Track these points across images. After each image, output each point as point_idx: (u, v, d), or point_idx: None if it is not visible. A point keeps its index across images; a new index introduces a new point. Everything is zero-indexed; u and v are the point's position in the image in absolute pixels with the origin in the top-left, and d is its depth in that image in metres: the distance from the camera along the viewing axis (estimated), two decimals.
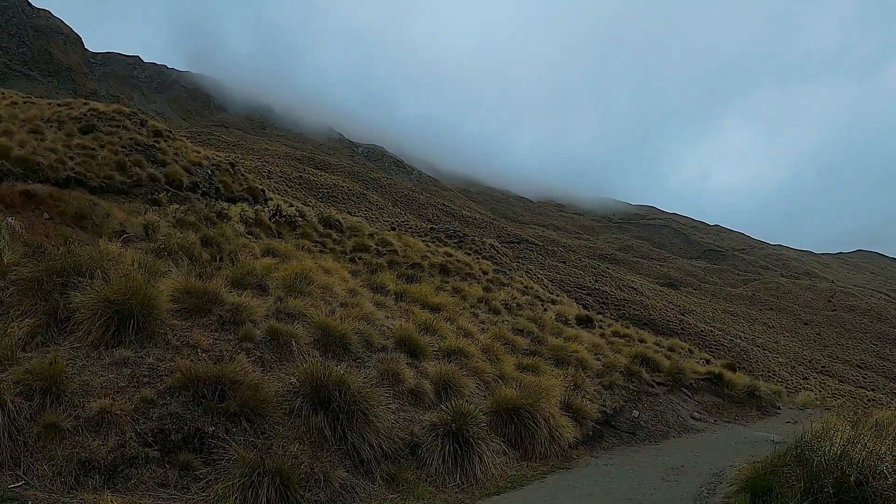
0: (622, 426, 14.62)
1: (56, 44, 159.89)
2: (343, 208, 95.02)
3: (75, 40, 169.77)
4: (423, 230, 75.93)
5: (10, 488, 6.65)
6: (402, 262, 30.11)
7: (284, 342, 10.22)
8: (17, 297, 10.20)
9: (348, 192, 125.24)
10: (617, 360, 18.17)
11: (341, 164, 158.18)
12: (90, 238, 14.90)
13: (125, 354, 8.73)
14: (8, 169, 24.62)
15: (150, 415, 7.82)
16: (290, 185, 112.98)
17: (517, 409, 11.36)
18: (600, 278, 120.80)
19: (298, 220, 31.61)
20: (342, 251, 29.47)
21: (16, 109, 35.73)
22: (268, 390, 8.63)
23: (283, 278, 13.30)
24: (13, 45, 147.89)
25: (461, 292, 25.65)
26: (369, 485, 8.56)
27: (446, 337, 14.15)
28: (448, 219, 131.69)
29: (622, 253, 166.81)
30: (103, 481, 7.09)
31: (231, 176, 36.84)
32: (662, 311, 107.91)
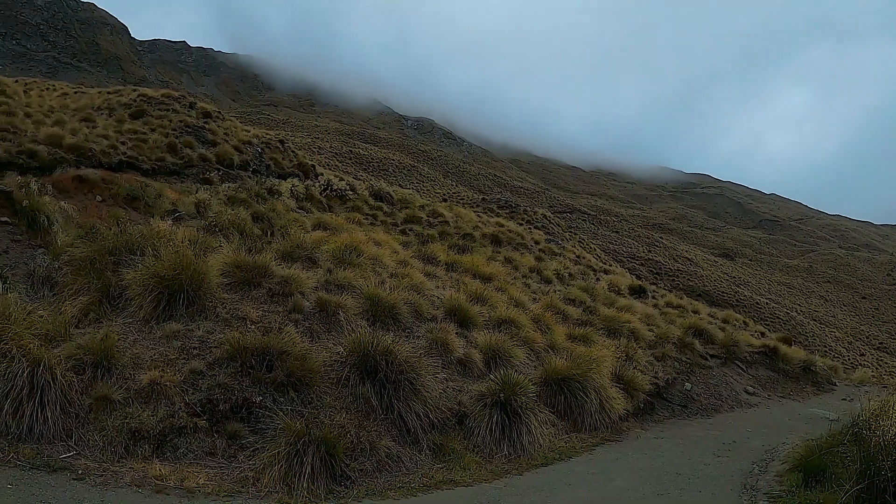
0: (674, 399, 14.47)
1: (103, 34, 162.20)
2: (394, 181, 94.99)
3: (121, 30, 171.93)
4: (474, 201, 75.79)
5: (62, 458, 6.90)
6: (453, 233, 30.06)
7: (333, 313, 10.27)
8: (71, 277, 10.46)
9: (399, 166, 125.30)
10: (670, 332, 17.93)
11: (391, 138, 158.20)
12: (142, 218, 15.14)
13: (175, 328, 8.88)
14: (61, 157, 25.12)
15: (198, 386, 7.96)
16: (341, 160, 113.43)
17: (567, 379, 11.25)
18: (653, 248, 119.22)
19: (349, 193, 31.72)
20: (393, 223, 29.53)
21: (67, 100, 36.45)
22: (315, 360, 8.70)
23: (333, 250, 13.31)
24: (61, 38, 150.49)
25: (513, 262, 25.57)
26: (416, 454, 8.59)
27: (497, 307, 14.04)
28: (499, 189, 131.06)
29: (676, 222, 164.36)
30: (152, 450, 7.28)
31: (281, 153, 37.11)
32: (717, 282, 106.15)
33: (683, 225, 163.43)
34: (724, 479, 9.30)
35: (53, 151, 25.14)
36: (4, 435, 6.92)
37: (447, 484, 8.20)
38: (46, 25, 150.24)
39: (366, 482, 7.69)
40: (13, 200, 13.15)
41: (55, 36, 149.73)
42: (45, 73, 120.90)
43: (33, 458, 6.79)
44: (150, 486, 6.74)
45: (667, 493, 8.53)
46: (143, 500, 6.50)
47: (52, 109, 32.08)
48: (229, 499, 6.85)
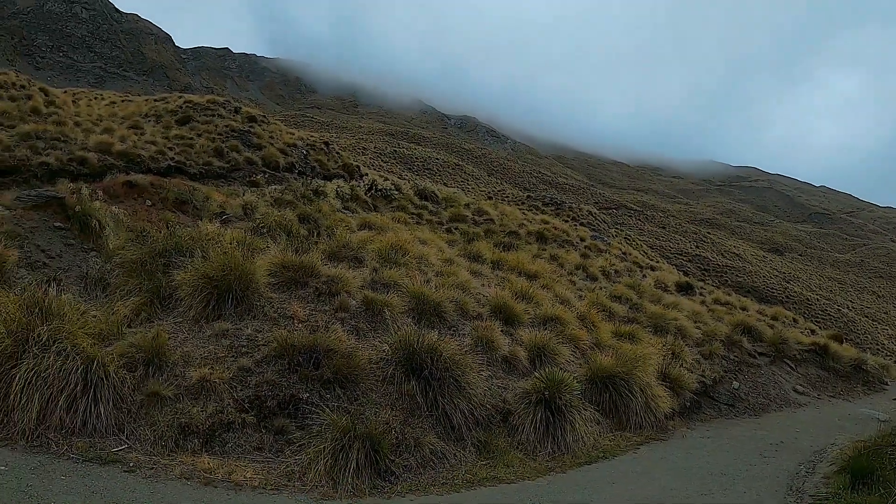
0: (721, 398, 14.35)
1: (148, 44, 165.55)
2: (438, 180, 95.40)
3: (165, 39, 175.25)
4: (519, 198, 75.60)
5: (113, 451, 7.14)
6: (498, 231, 30.00)
7: (379, 311, 10.38)
8: (123, 279, 10.76)
9: (443, 164, 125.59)
10: (717, 329, 17.75)
11: (434, 137, 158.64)
12: (191, 221, 15.44)
13: (224, 327, 9.10)
14: (111, 163, 25.68)
15: (247, 382, 8.15)
16: (385, 160, 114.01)
17: (612, 377, 11.24)
18: (701, 244, 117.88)
19: (394, 193, 31.82)
20: (438, 222, 29.54)
21: (115, 108, 37.20)
22: (361, 358, 8.83)
23: (378, 250, 13.39)
24: (107, 49, 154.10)
25: (558, 259, 25.48)
26: (460, 451, 8.64)
27: (542, 304, 14.02)
28: (544, 186, 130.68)
29: (723, 217, 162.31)
30: (201, 445, 7.49)
31: (326, 154, 37.43)
32: (766, 277, 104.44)
33: (731, 220, 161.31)
34: (770, 480, 9.25)
35: (103, 158, 25.70)
36: (58, 429, 7.16)
37: (490, 481, 8.24)
38: (92, 37, 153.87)
39: (409, 478, 7.77)
40: (66, 206, 13.51)
41: (101, 47, 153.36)
42: (93, 83, 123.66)
43: (86, 451, 7.03)
44: (199, 479, 6.91)
45: (710, 493, 8.51)
46: (192, 493, 6.66)
47: (100, 118, 32.73)
48: (275, 492, 6.98)
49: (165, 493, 6.55)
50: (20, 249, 11.57)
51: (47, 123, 27.03)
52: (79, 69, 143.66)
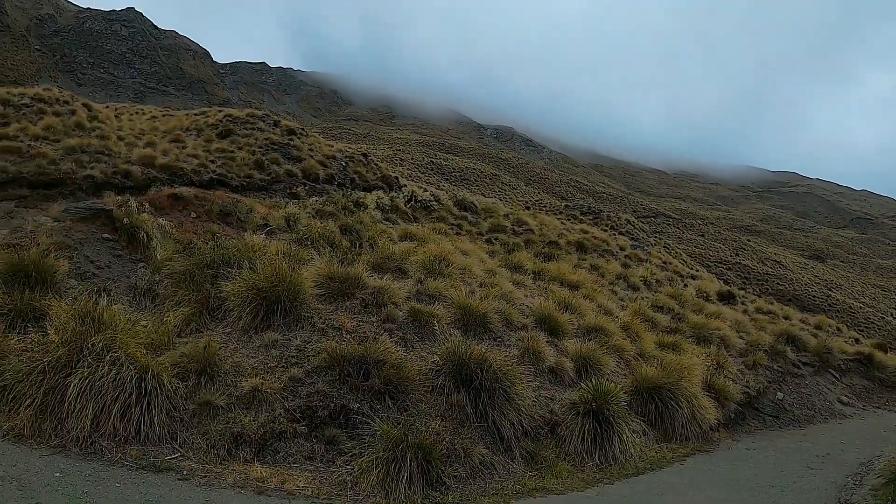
0: (765, 409, 14.24)
1: (186, 59, 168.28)
2: (476, 190, 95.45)
3: (203, 54, 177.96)
4: (557, 208, 75.60)
5: (167, 459, 7.24)
6: (538, 241, 29.96)
7: (426, 322, 10.41)
8: (172, 289, 10.92)
9: (480, 174, 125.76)
10: (761, 339, 17.60)
11: (471, 147, 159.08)
12: (235, 233, 15.58)
13: (273, 337, 9.19)
14: (154, 176, 26.07)
15: (298, 392, 8.22)
16: (423, 170, 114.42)
17: (658, 388, 11.23)
18: (741, 252, 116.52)
19: (433, 204, 31.92)
20: (478, 232, 29.58)
21: (156, 123, 37.71)
22: (410, 369, 8.85)
23: (422, 261, 13.44)
24: (146, 65, 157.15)
25: (599, 269, 25.40)
26: (508, 462, 8.64)
27: (585, 315, 14.02)
28: (582, 195, 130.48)
29: (763, 224, 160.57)
30: (253, 454, 7.57)
31: (365, 166, 37.63)
32: (807, 285, 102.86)
33: (771, 226, 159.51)
34: (818, 492, 9.21)
35: (147, 171, 26.10)
36: (112, 437, 7.27)
37: (539, 491, 8.24)
38: (132, 53, 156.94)
39: (460, 488, 7.77)
40: (113, 218, 13.70)
41: (141, 63, 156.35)
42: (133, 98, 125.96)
43: (140, 458, 7.13)
44: (252, 487, 6.97)
45: None
46: (246, 502, 6.74)
47: (142, 132, 33.20)
48: (328, 501, 7.02)
49: (219, 501, 6.62)
50: (70, 260, 11.75)
51: (91, 137, 27.49)
52: (119, 85, 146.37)
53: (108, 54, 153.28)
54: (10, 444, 7.02)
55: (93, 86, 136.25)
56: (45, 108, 29.44)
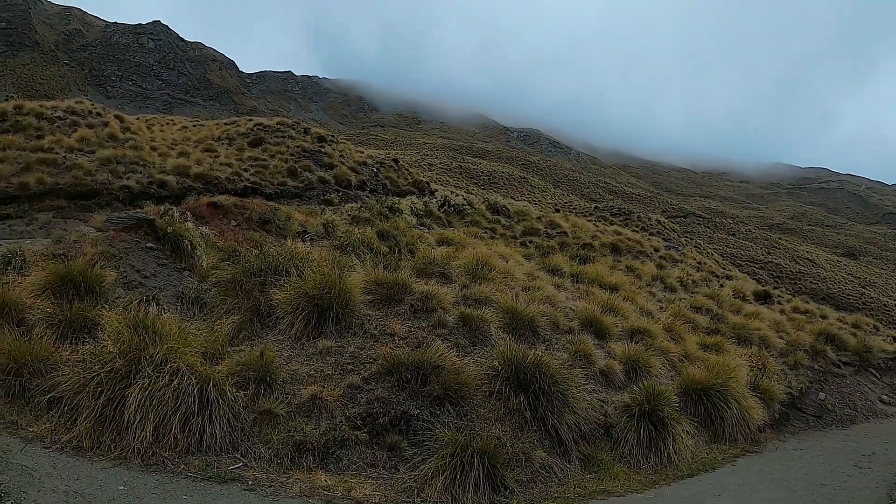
0: (808, 409, 14.20)
1: (213, 70, 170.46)
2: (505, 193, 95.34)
3: (229, 64, 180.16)
4: (587, 210, 75.28)
5: (230, 469, 7.20)
6: (572, 244, 29.86)
7: (476, 327, 10.36)
8: (220, 298, 10.93)
9: (509, 177, 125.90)
10: (800, 338, 17.53)
11: (498, 150, 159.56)
12: (275, 240, 15.60)
13: (327, 344, 9.18)
14: (189, 185, 26.33)
15: (357, 400, 8.19)
16: (451, 175, 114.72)
17: (707, 389, 11.19)
18: (772, 250, 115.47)
19: (466, 208, 31.94)
20: (512, 236, 29.51)
21: (187, 133, 38.10)
22: (467, 374, 8.81)
23: (464, 266, 13.45)
24: (173, 77, 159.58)
25: (634, 271, 25.26)
26: (566, 465, 8.61)
27: (628, 317, 14.00)
28: (611, 196, 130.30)
29: (794, 221, 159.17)
30: (316, 462, 7.54)
31: (395, 171, 37.76)
32: (841, 283, 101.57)
33: (802, 224, 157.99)
34: (870, 490, 9.24)
35: (181, 181, 26.38)
36: (173, 447, 7.22)
37: (600, 494, 8.22)
38: (159, 66, 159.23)
39: (523, 492, 7.73)
40: (156, 227, 13.77)
41: (168, 75, 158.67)
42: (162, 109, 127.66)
43: (203, 469, 7.08)
44: (319, 496, 6.94)
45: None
46: None
47: (174, 142, 33.51)
48: None
49: None
50: (116, 269, 11.77)
51: (125, 148, 27.76)
52: (147, 97, 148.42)
53: (135, 67, 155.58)
54: (70, 457, 6.95)
55: (122, 98, 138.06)
56: (79, 120, 29.76)
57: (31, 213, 22.20)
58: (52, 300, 9.84)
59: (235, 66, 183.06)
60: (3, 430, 7.26)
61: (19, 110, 28.89)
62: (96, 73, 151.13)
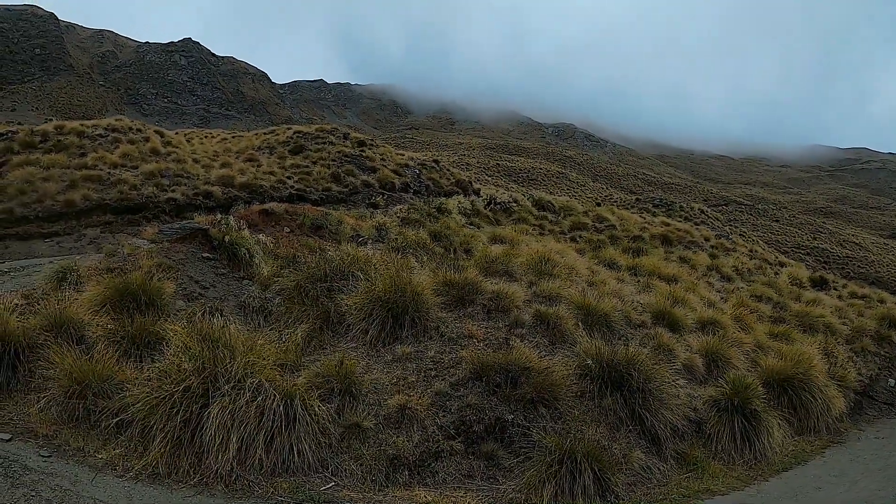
0: (879, 396, 13.95)
1: (246, 83, 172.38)
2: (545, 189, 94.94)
3: (262, 77, 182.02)
4: (628, 202, 74.77)
5: (322, 490, 6.72)
6: (622, 237, 29.53)
7: (554, 325, 10.03)
8: (285, 306, 10.63)
9: (546, 173, 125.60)
10: (864, 324, 17.24)
11: (534, 147, 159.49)
12: (330, 245, 15.43)
13: (405, 350, 8.85)
14: (235, 195, 26.34)
15: (447, 407, 7.80)
16: (489, 173, 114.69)
17: (789, 379, 10.95)
18: (817, 235, 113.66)
19: (512, 205, 31.74)
20: (560, 231, 29.25)
21: (227, 144, 38.30)
22: (556, 374, 8.45)
23: (527, 263, 13.23)
24: (207, 92, 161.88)
25: (688, 261, 24.90)
26: (661, 464, 8.29)
27: (695, 308, 13.72)
28: (650, 188, 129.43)
29: (838, 204, 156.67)
30: (412, 477, 7.10)
31: (437, 172, 37.58)
32: (890, 266, 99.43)
33: (846, 206, 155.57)
34: None
35: (227, 191, 26.43)
36: (258, 470, 6.79)
37: (704, 493, 7.94)
38: (193, 82, 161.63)
39: (627, 496, 7.41)
40: (210, 237, 13.59)
41: (202, 90, 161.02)
42: (198, 124, 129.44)
43: (293, 491, 6.64)
44: None
45: None
46: None
47: (216, 154, 33.68)
48: None
49: None
50: (174, 281, 11.54)
51: (168, 162, 28.00)
52: (183, 112, 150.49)
53: (170, 84, 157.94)
54: (146, 485, 6.49)
55: (158, 115, 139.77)
56: (120, 136, 30.00)
57: (79, 229, 22.30)
58: (111, 315, 9.55)
59: (268, 78, 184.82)
60: (69, 459, 6.86)
61: (60, 130, 29.23)
62: (131, 93, 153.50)
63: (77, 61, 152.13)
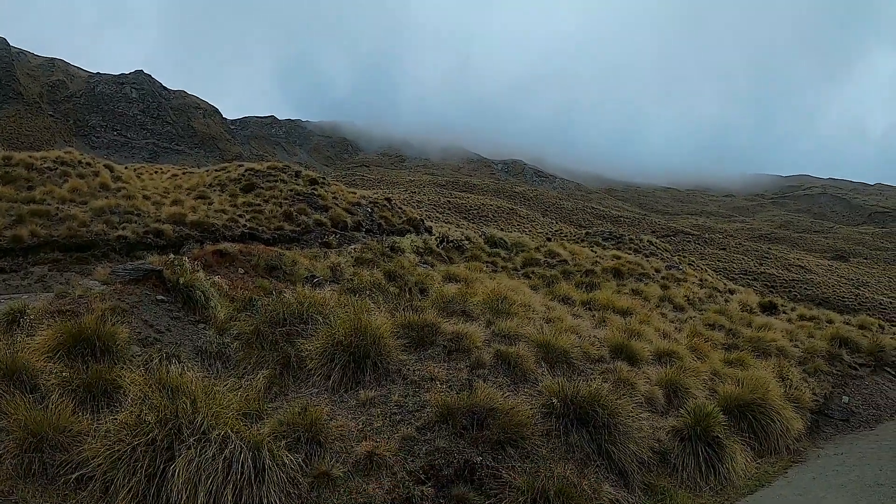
0: (834, 414, 14.36)
1: (197, 118, 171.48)
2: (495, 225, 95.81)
3: (213, 112, 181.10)
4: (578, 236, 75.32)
5: None
6: (574, 272, 29.76)
7: (515, 364, 10.09)
8: (244, 351, 10.45)
9: (497, 210, 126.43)
10: (815, 345, 17.78)
11: (484, 184, 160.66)
12: (285, 286, 15.21)
13: (369, 395, 8.76)
14: (186, 233, 26.09)
15: (415, 452, 7.72)
16: (441, 211, 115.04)
17: (748, 404, 11.24)
18: (764, 261, 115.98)
19: (465, 243, 31.86)
20: (513, 268, 29.39)
21: (178, 181, 37.96)
22: (522, 414, 8.44)
23: (483, 302, 13.32)
24: (158, 125, 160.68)
25: (641, 293, 25.16)
26: (630, 497, 8.38)
27: (651, 340, 14.06)
28: (599, 221, 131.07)
29: (782, 230, 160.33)
30: None
31: (390, 210, 37.68)
32: (835, 287, 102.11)
33: (790, 231, 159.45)
34: None
35: (178, 229, 26.17)
36: None
37: None
38: (143, 115, 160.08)
39: None
40: (164, 278, 13.29)
41: (152, 124, 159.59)
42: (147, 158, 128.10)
43: None
44: None
45: None
46: None
47: (166, 190, 33.38)
48: None
49: None
50: (128, 325, 11.24)
51: (118, 198, 27.63)
52: (132, 146, 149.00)
53: (120, 117, 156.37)
54: None
55: (107, 148, 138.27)
56: (69, 170, 29.62)
57: (27, 266, 21.70)
58: (65, 362, 9.14)
59: (219, 113, 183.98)
60: None
61: (8, 161, 28.63)
62: (81, 124, 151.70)
63: (26, 90, 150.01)
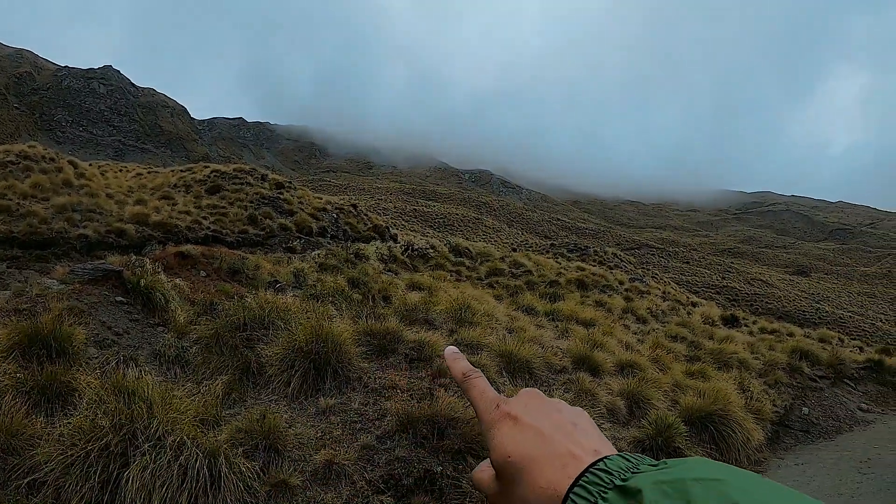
0: (794, 425, 14.55)
1: (164, 117, 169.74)
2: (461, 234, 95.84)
3: (181, 111, 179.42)
4: (543, 247, 75.65)
5: None
6: (538, 282, 29.77)
7: None
8: (203, 356, 10.29)
9: (463, 219, 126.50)
10: (776, 358, 18.05)
11: (450, 193, 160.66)
12: (247, 291, 15.07)
13: (329, 402, 8.63)
14: (149, 234, 25.76)
15: (375, 461, 7.62)
16: (407, 218, 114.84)
17: (710, 415, 11.33)
18: (727, 275, 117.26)
19: (430, 251, 31.73)
20: (477, 277, 29.37)
21: (142, 180, 37.51)
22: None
23: (446, 310, 13.36)
24: (125, 123, 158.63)
25: (604, 305, 25.33)
26: None
27: (613, 351, 14.11)
28: (564, 233, 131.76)
29: (745, 245, 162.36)
30: None
31: (355, 217, 37.53)
32: (796, 301, 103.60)
33: (753, 246, 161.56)
34: (882, 492, 9.64)
35: (141, 230, 25.83)
36: None
37: None
38: (110, 111, 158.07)
39: None
40: (124, 279, 13.08)
41: (119, 121, 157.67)
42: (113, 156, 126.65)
43: None
44: None
45: None
46: None
47: (130, 189, 33.06)
48: None
49: None
50: (85, 327, 11.02)
51: (81, 195, 27.29)
52: (98, 143, 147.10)
53: (86, 112, 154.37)
54: None
55: (72, 144, 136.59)
56: (32, 165, 29.17)
57: None
58: (19, 362, 8.98)
59: (187, 113, 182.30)
60: None
61: None
62: (46, 118, 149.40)
63: None
